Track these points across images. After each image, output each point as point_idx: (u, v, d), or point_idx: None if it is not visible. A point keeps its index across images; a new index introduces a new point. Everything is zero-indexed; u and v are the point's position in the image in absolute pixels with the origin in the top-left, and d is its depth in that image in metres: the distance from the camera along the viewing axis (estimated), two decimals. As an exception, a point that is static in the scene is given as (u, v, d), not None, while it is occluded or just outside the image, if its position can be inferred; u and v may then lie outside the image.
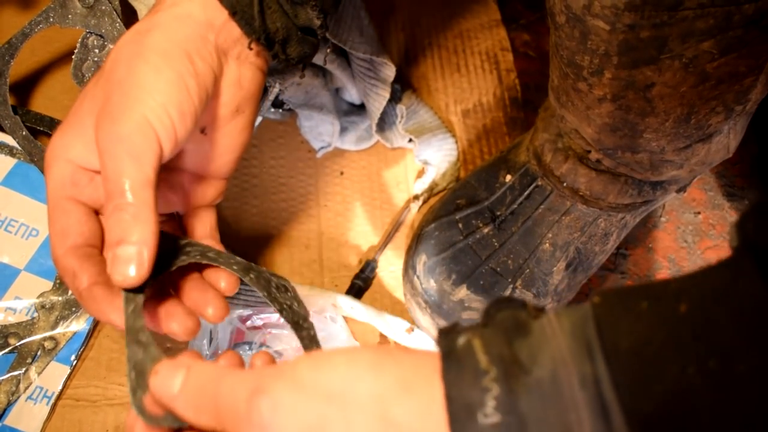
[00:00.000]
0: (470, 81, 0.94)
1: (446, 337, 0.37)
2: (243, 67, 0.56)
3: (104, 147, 0.49)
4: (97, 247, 0.53)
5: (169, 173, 0.57)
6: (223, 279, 0.56)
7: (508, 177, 0.77)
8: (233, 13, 0.53)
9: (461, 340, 0.36)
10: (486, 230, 0.76)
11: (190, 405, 0.40)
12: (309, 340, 0.55)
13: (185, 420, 0.41)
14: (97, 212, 0.54)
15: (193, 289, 0.55)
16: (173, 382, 0.41)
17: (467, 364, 0.35)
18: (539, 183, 0.75)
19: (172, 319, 0.53)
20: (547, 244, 0.75)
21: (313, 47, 0.60)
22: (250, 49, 0.55)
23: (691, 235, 0.90)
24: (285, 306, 0.55)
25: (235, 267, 0.54)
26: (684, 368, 0.31)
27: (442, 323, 0.75)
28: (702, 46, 0.53)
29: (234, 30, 0.54)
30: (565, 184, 0.74)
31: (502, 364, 0.34)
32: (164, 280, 0.54)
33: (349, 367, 0.37)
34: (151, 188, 0.48)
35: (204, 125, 0.56)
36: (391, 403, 0.36)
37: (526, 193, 0.76)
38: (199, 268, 0.56)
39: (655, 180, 0.72)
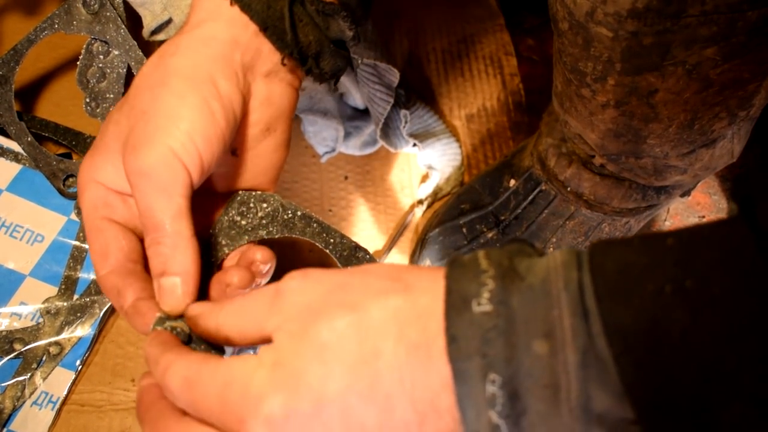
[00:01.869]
0: (474, 85, 0.94)
1: (456, 254, 0.41)
2: (272, 84, 0.55)
3: (133, 181, 0.49)
4: (139, 263, 0.53)
5: (204, 198, 0.56)
6: (258, 251, 0.55)
7: (512, 182, 0.77)
8: (264, 29, 0.52)
9: (468, 255, 0.40)
10: (490, 235, 0.76)
11: (217, 319, 0.45)
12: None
13: (215, 332, 0.46)
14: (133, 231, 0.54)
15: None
16: (201, 306, 0.47)
17: (469, 267, 0.38)
18: (543, 187, 0.75)
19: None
20: (551, 249, 0.75)
21: (345, 60, 0.58)
22: (284, 64, 0.54)
23: (696, 239, 0.90)
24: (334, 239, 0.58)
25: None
26: (662, 287, 0.33)
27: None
28: (705, 53, 0.53)
29: (262, 45, 0.53)
30: (569, 189, 0.74)
31: (500, 268, 0.38)
32: None
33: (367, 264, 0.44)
34: (184, 217, 0.49)
35: (234, 147, 0.55)
36: (404, 272, 0.41)
37: (530, 197, 0.76)
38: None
39: (659, 185, 0.72)
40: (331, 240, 0.57)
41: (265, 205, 0.56)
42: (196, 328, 0.47)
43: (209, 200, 0.57)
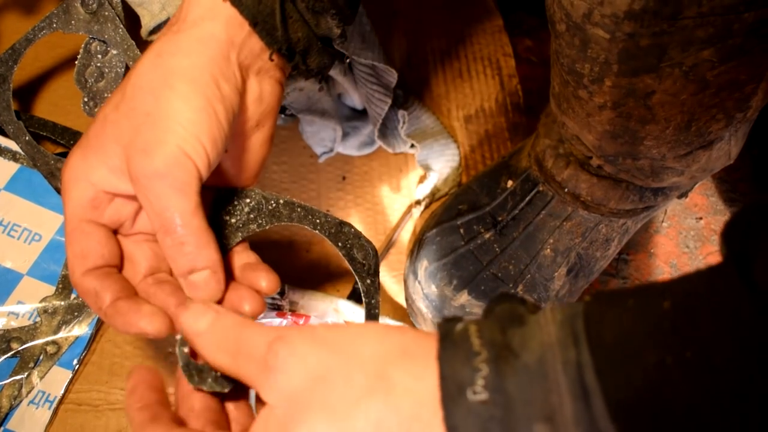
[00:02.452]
0: (472, 86, 0.94)
1: (446, 323, 0.39)
2: (263, 82, 0.56)
3: (144, 184, 0.49)
4: (117, 266, 0.54)
5: None
6: (264, 278, 0.55)
7: (510, 182, 0.77)
8: (254, 24, 0.53)
9: (459, 326, 0.39)
10: (487, 236, 0.76)
11: (211, 343, 0.44)
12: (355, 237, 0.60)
13: (204, 356, 0.45)
14: (115, 232, 0.55)
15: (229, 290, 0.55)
16: (201, 320, 0.45)
17: (461, 347, 0.37)
18: (540, 189, 0.75)
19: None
20: (549, 250, 0.75)
21: (331, 58, 0.60)
22: (272, 60, 0.55)
23: (693, 240, 0.90)
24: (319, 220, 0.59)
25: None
26: (663, 358, 0.33)
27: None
28: (702, 55, 0.53)
29: (255, 45, 0.54)
30: (566, 190, 0.74)
31: (493, 348, 0.37)
32: None
33: (359, 331, 0.42)
34: (200, 212, 0.50)
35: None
36: (389, 363, 0.39)
37: (527, 198, 0.76)
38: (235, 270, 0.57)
39: (656, 186, 0.72)
40: (317, 221, 0.58)
41: (248, 200, 0.57)
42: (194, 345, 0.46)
43: None
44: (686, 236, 0.90)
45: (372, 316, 0.61)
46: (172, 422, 0.44)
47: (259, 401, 0.42)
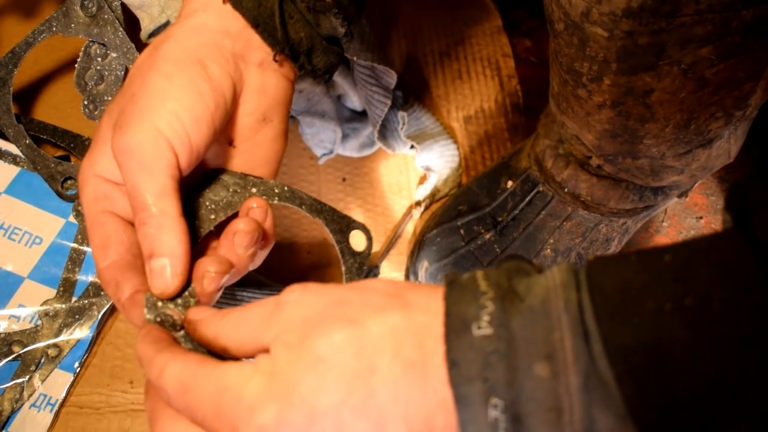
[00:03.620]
0: (472, 87, 0.94)
1: (453, 274, 0.41)
2: (266, 74, 0.55)
3: (119, 161, 0.49)
4: (139, 257, 0.53)
5: None
6: (254, 200, 0.55)
7: (510, 183, 0.77)
8: (256, 26, 0.53)
9: (466, 275, 0.40)
10: (487, 236, 0.76)
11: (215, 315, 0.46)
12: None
13: (206, 335, 0.45)
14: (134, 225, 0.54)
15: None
16: (207, 310, 0.47)
17: (468, 288, 0.38)
18: (540, 189, 0.75)
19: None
20: (549, 250, 0.75)
21: (338, 57, 0.59)
22: (275, 60, 0.55)
23: (694, 239, 0.90)
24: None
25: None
26: (662, 305, 0.33)
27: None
28: (701, 52, 0.53)
29: (252, 37, 0.54)
30: (566, 190, 0.74)
31: (499, 289, 0.38)
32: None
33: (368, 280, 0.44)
34: (171, 197, 0.48)
35: (231, 137, 0.55)
36: (403, 289, 0.41)
37: (527, 199, 0.76)
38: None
39: (656, 185, 0.72)
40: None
41: (231, 182, 0.55)
42: (194, 334, 0.47)
43: None
44: (686, 235, 0.90)
45: None
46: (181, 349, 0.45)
47: None
